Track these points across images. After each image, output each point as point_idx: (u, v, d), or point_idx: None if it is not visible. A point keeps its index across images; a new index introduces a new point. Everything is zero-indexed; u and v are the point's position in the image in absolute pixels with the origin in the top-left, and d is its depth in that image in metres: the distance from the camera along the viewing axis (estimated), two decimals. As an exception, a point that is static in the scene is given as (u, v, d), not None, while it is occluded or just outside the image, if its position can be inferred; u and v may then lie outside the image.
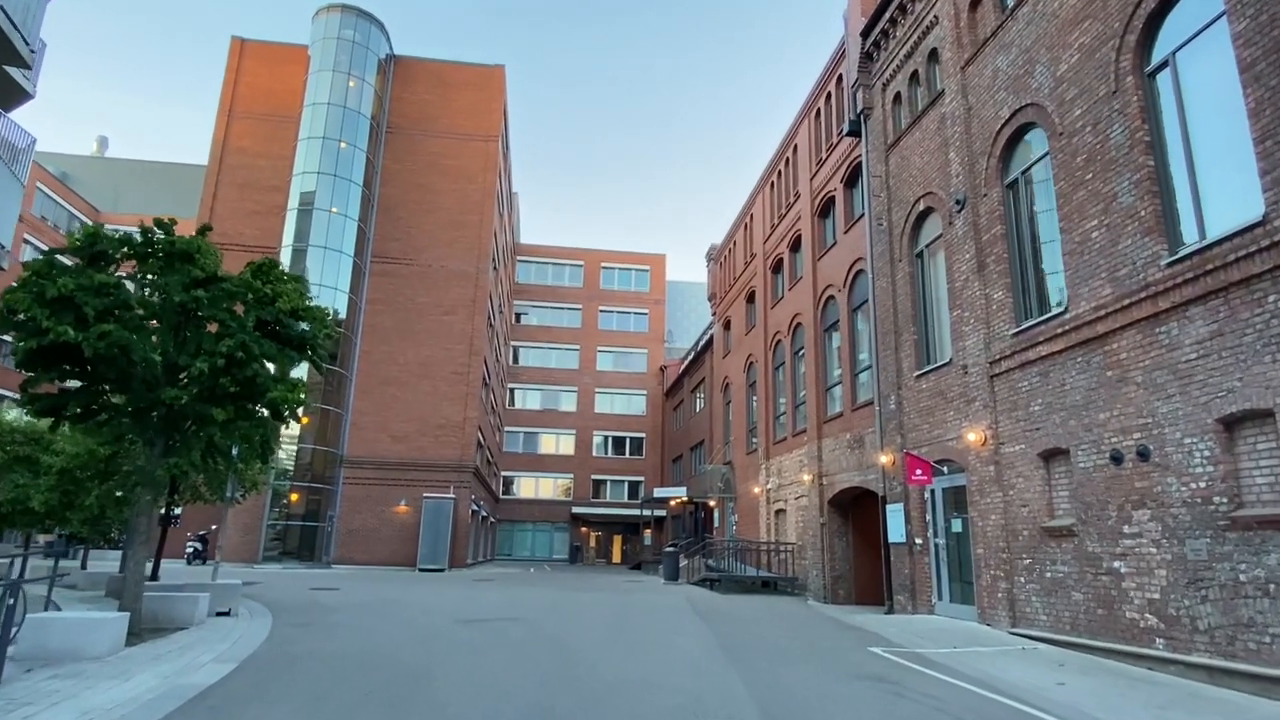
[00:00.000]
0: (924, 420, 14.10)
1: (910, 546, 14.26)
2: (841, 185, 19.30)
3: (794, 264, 23.22)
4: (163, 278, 9.25)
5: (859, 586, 18.36)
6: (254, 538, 27.23)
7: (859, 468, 17.19)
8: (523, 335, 54.78)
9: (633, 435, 54.08)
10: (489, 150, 34.73)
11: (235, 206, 32.73)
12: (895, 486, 14.88)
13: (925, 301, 14.81)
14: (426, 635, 10.49)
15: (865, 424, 16.96)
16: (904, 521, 14.44)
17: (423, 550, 28.35)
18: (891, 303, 15.53)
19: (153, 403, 9.44)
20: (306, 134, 31.51)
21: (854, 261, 18.11)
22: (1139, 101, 9.42)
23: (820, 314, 20.24)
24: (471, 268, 33.26)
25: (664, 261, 57.70)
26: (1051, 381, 10.61)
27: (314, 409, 29.71)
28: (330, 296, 30.49)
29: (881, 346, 15.79)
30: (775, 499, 23.05)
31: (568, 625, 11.98)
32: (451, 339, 32.42)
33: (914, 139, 15.16)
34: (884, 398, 15.51)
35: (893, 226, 15.84)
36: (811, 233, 20.98)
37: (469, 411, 31.81)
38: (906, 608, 14.17)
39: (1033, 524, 10.86)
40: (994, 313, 12.17)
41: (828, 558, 18.59)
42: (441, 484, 30.65)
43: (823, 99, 20.87)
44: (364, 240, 32.40)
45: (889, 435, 15.21)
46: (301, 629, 10.84)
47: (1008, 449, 11.53)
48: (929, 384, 14.03)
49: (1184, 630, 8.21)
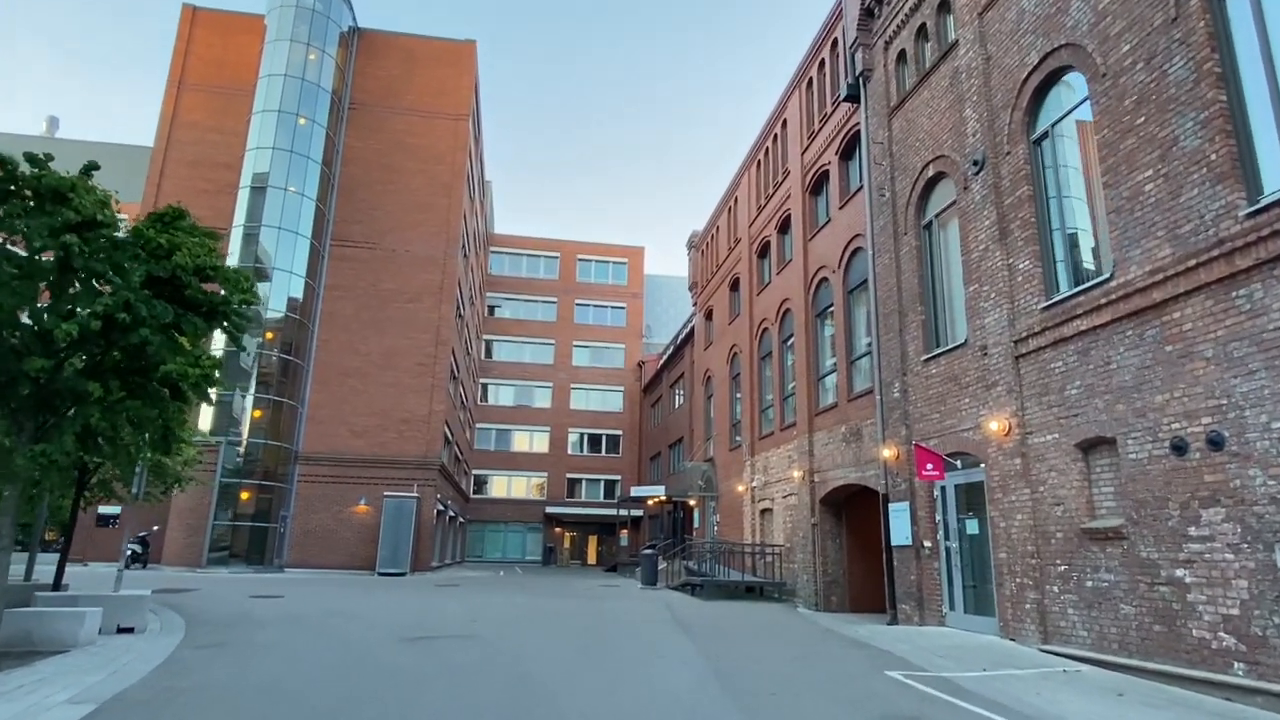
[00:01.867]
0: (934, 409, 12.64)
1: (917, 550, 12.80)
2: (836, 158, 17.83)
3: (782, 246, 21.73)
4: (25, 220, 7.44)
5: (853, 593, 16.90)
6: (199, 539, 25.14)
7: (856, 463, 15.72)
8: (496, 329, 52.86)
9: (609, 433, 52.41)
10: (458, 129, 32.86)
11: (185, 185, 30.49)
12: (900, 483, 13.41)
13: (934, 278, 13.37)
14: (357, 660, 8.77)
15: (863, 415, 15.50)
16: (910, 522, 12.97)
17: (383, 553, 26.44)
18: (895, 281, 14.06)
19: (16, 375, 7.62)
20: (261, 107, 29.37)
21: (850, 239, 16.65)
22: (1206, 27, 7.97)
23: (812, 298, 18.75)
24: (439, 253, 31.36)
25: (642, 254, 56.09)
26: (1093, 360, 9.17)
27: (266, 401, 27.65)
28: (285, 281, 28.47)
29: (883, 329, 14.32)
30: (761, 498, 21.55)
31: (530, 644, 10.32)
32: (417, 328, 30.51)
33: (921, 99, 13.71)
34: (886, 386, 14.04)
35: (896, 197, 14.38)
36: (803, 211, 19.49)
37: (435, 405, 29.93)
38: (913, 618, 12.70)
39: (1069, 525, 9.42)
40: (1019, 285, 10.72)
41: (819, 561, 17.10)
42: (405, 482, 28.76)
43: (815, 66, 19.39)
44: (323, 222, 30.38)
45: (892, 427, 13.74)
46: (210, 651, 9.07)
47: (1037, 439, 10.08)
48: (939, 369, 12.58)
49: (1273, 654, 6.77)
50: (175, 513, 25.49)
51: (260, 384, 27.78)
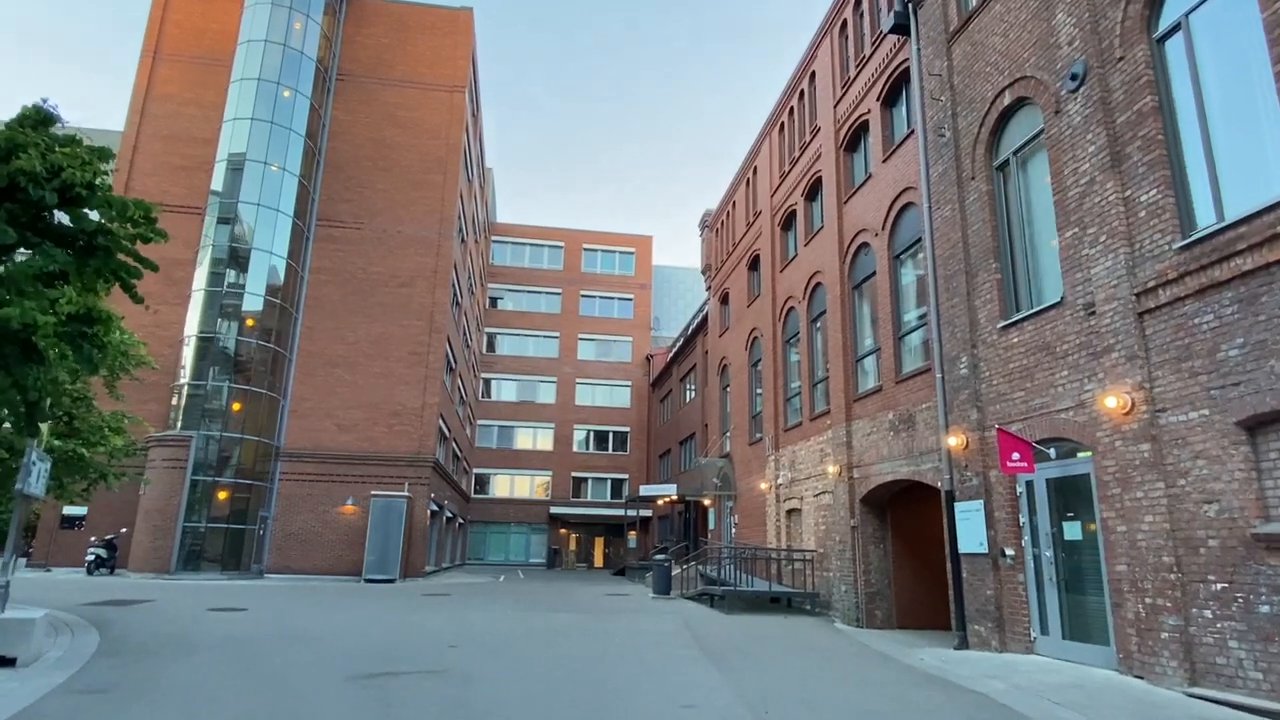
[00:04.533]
0: (1016, 387, 10.31)
1: (995, 559, 10.47)
2: (878, 104, 15.51)
3: (810, 215, 19.40)
4: None
5: (900, 606, 14.58)
6: (167, 543, 22.95)
7: (907, 454, 13.39)
8: (498, 321, 50.65)
9: (616, 429, 50.13)
10: (454, 102, 30.62)
11: (160, 161, 28.42)
12: (969, 478, 11.08)
13: (1010, 228, 11.05)
14: (283, 715, 6.51)
15: (916, 398, 13.18)
16: (985, 525, 10.64)
17: (369, 558, 24.20)
18: (960, 235, 11.73)
19: None
20: (240, 75, 27.15)
21: (897, 195, 14.33)
22: None
23: (849, 267, 16.42)
24: (433, 233, 29.12)
25: (650, 244, 53.79)
26: (1264, 310, 6.85)
27: (243, 392, 25.45)
28: (264, 262, 26.28)
29: (945, 294, 11.99)
30: (787, 496, 19.23)
31: (518, 684, 8.05)
32: (409, 314, 28.27)
33: (992, 15, 11.38)
34: (950, 361, 11.71)
35: (960, 137, 12.05)
36: (837, 171, 17.16)
37: (429, 397, 27.68)
38: (989, 642, 10.37)
39: (1228, 530, 7.10)
40: (1141, 223, 8.38)
41: (861, 569, 14.77)
42: (396, 480, 26.55)
43: (850, 6, 17.06)
44: (308, 200, 28.17)
45: (958, 410, 11.41)
46: (90, 700, 6.83)
47: (1175, 417, 7.75)
48: (1023, 337, 10.25)
49: None
50: (142, 513, 23.34)
51: (238, 373, 25.58)
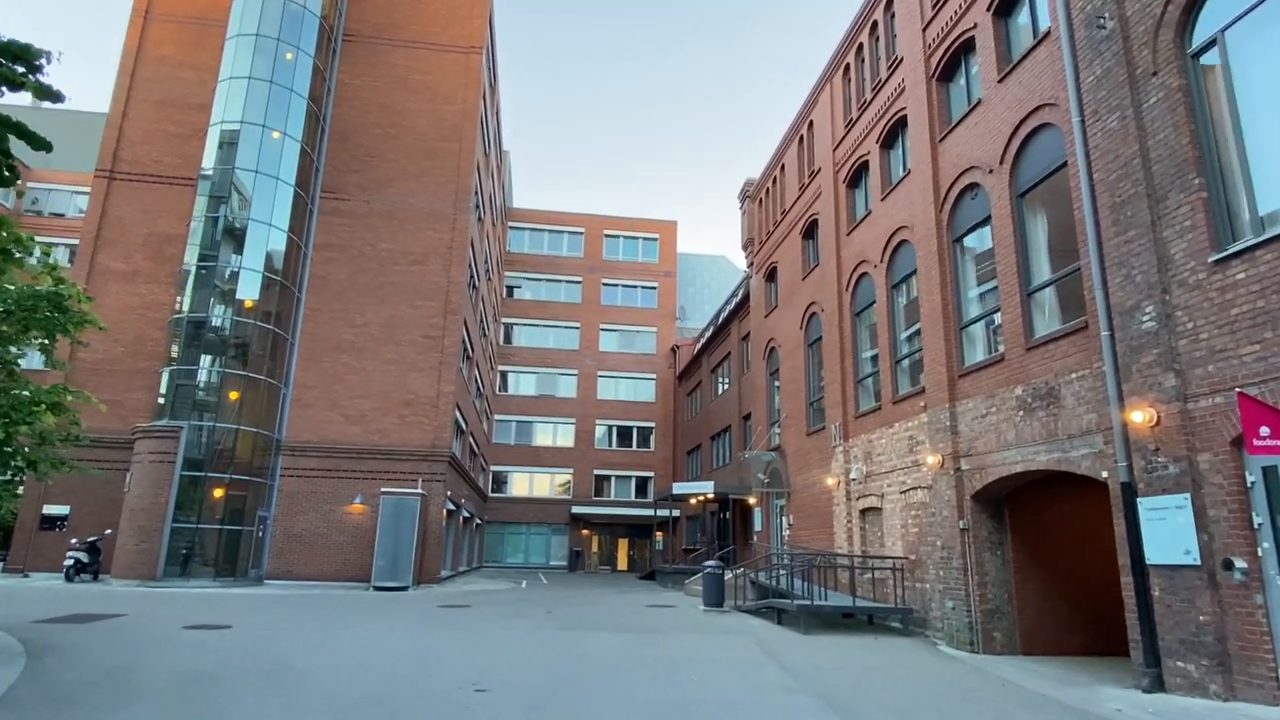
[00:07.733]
0: (1244, 340, 7.57)
1: (1213, 573, 7.73)
2: (988, 15, 12.79)
3: (887, 165, 16.67)
4: None
5: (1025, 627, 11.85)
6: (153, 546, 20.49)
7: (1046, 438, 10.64)
8: (515, 311, 48.15)
9: (641, 424, 47.47)
10: (470, 64, 28.06)
11: (151, 128, 26.07)
12: (1164, 465, 8.34)
13: (1214, 137, 8.30)
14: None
15: (1059, 367, 10.44)
16: (1193, 528, 7.90)
17: (379, 563, 21.66)
18: (1136, 150, 8.99)
19: None
20: (237, 30, 24.66)
21: (1024, 118, 11.59)
22: None
23: (948, 217, 13.67)
24: (448, 206, 26.57)
25: (675, 229, 51.08)
26: None
27: (240, 379, 22.99)
28: (263, 236, 23.82)
29: (1113, 229, 9.26)
30: (862, 493, 16.50)
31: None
32: (422, 294, 25.74)
33: None
34: (1126, 313, 8.96)
35: (1129, 25, 9.32)
36: (929, 105, 14.43)
37: (444, 385, 25.14)
38: (1205, 685, 7.63)
39: None
40: None
41: (974, 581, 12.03)
42: (408, 476, 24.03)
43: (946, -94, 14.33)
44: (311, 171, 25.69)
45: (1143, 376, 8.67)
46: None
47: None
48: (1255, 270, 7.51)
49: None
50: (126, 513, 20.92)
51: (234, 359, 23.13)
